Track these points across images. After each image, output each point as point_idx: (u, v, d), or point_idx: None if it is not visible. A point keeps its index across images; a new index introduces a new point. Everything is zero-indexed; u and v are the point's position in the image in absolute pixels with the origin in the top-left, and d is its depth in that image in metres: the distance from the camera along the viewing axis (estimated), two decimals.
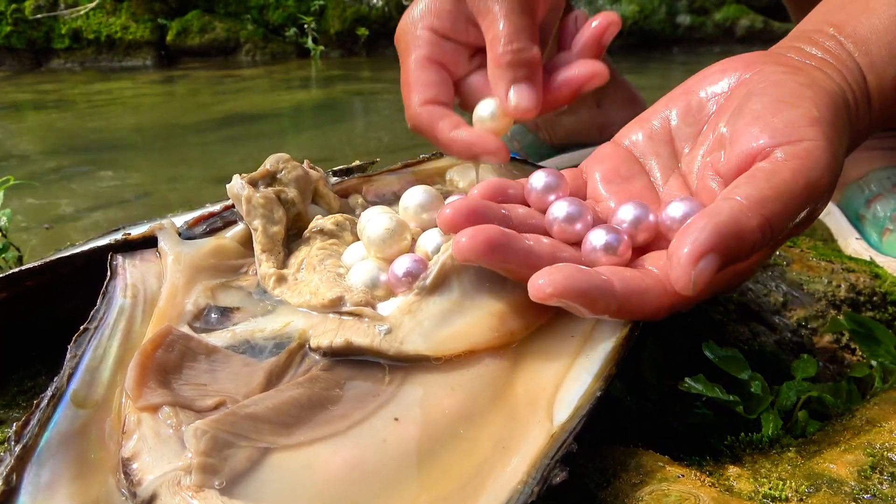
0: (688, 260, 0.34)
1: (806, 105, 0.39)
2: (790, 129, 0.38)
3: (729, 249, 0.35)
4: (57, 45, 2.99)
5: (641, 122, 0.46)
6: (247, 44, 3.06)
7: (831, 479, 0.36)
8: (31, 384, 0.49)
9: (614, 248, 0.39)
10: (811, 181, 0.37)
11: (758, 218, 0.35)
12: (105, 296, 0.43)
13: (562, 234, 0.42)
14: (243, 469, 0.33)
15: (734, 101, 0.41)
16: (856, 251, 0.83)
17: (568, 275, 0.35)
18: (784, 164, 0.37)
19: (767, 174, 0.37)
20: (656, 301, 0.37)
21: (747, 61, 0.43)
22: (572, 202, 0.42)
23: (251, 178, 0.49)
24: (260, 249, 0.46)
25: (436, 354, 0.39)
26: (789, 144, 0.37)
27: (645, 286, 0.37)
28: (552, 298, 0.35)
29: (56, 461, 0.34)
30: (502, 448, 0.34)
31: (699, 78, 0.45)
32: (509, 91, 0.51)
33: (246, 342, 0.41)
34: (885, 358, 0.49)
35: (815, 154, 0.37)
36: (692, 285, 0.34)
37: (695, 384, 0.44)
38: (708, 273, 0.34)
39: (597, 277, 0.36)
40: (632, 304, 0.36)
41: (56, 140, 1.87)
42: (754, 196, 0.36)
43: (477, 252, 0.37)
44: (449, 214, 0.40)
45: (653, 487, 0.34)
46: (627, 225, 0.41)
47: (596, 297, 0.35)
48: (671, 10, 3.16)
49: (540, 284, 0.35)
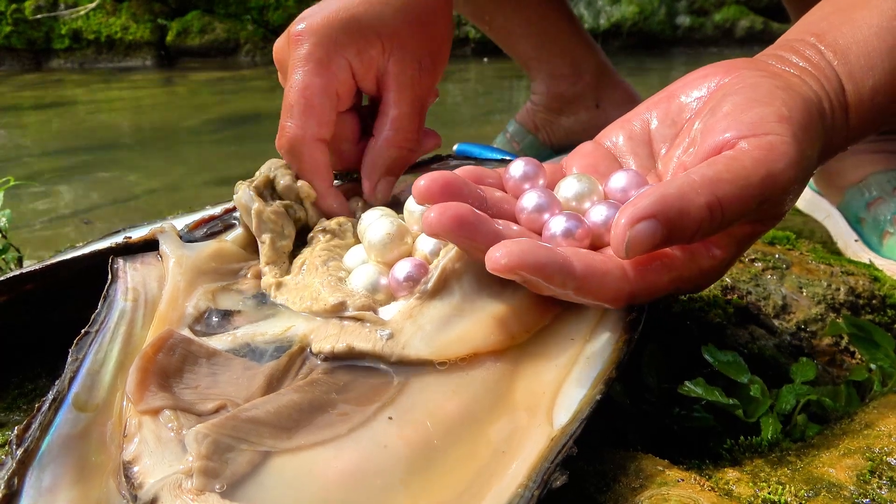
0: (626, 221, 0.35)
1: (776, 104, 0.39)
2: (757, 124, 0.38)
3: (670, 221, 0.35)
4: (57, 45, 2.99)
5: (623, 123, 0.47)
6: (247, 44, 3.06)
7: (830, 483, 0.36)
8: (32, 387, 0.49)
9: (573, 233, 0.39)
10: (772, 172, 0.37)
11: (707, 196, 0.35)
12: (106, 299, 0.43)
13: (529, 224, 0.42)
14: (244, 473, 0.33)
15: (710, 103, 0.42)
16: (855, 254, 0.83)
17: (525, 248, 0.35)
18: (746, 153, 0.37)
19: (728, 160, 0.37)
20: (615, 286, 0.37)
21: (728, 67, 0.44)
22: (541, 193, 0.42)
23: (256, 186, 0.49)
24: (265, 262, 0.46)
25: (438, 358, 0.39)
26: (755, 137, 0.38)
27: (605, 269, 0.37)
28: (508, 271, 0.35)
29: (57, 465, 0.34)
30: (502, 451, 0.34)
31: (682, 83, 0.45)
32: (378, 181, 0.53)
33: (247, 346, 0.42)
34: (884, 361, 0.49)
35: (779, 148, 0.37)
36: (625, 246, 0.35)
37: (694, 388, 0.44)
38: (643, 237, 0.35)
39: (555, 254, 0.36)
40: (590, 285, 0.36)
41: (56, 141, 1.87)
42: (708, 175, 0.36)
43: (445, 227, 0.37)
44: (424, 185, 0.39)
45: (652, 491, 0.34)
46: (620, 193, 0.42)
47: (553, 272, 0.35)
48: (671, 11, 3.16)
49: (496, 256, 0.35)
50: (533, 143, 1.17)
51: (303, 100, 0.50)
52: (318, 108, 0.50)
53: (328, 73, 0.50)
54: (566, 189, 0.43)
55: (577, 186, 0.43)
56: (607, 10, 3.13)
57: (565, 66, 1.11)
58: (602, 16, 3.12)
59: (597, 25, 3.10)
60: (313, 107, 0.50)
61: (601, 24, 3.11)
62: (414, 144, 0.53)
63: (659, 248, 0.36)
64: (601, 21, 3.11)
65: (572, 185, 0.43)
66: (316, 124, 0.50)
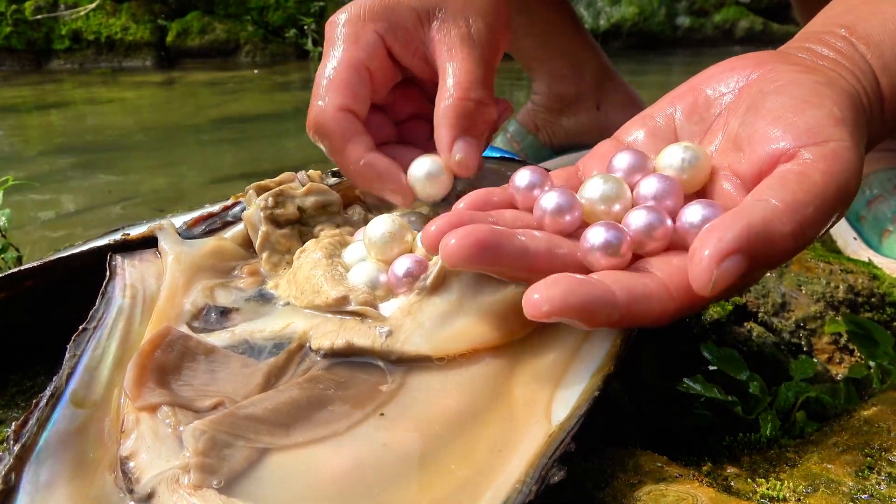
0: (711, 258, 0.32)
1: (828, 105, 0.37)
2: (815, 130, 0.36)
3: (757, 253, 0.32)
4: (57, 45, 2.99)
5: (644, 118, 0.44)
6: (247, 45, 3.07)
7: (829, 479, 0.36)
8: (31, 384, 0.49)
9: (615, 247, 0.36)
10: (842, 185, 0.35)
11: (792, 224, 0.33)
12: (104, 296, 0.43)
13: (554, 227, 0.39)
14: (241, 469, 0.33)
15: (745, 100, 0.40)
16: (854, 252, 0.83)
17: (566, 288, 0.33)
18: (813, 167, 0.35)
19: (798, 177, 0.35)
20: (660, 307, 0.34)
21: (758, 60, 0.42)
22: (561, 192, 0.39)
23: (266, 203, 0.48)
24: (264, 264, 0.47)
25: (437, 354, 0.39)
26: (816, 146, 0.35)
27: (648, 292, 0.34)
28: (550, 316, 0.32)
29: (55, 460, 0.34)
30: (501, 447, 0.34)
31: (706, 76, 0.43)
32: (455, 142, 0.46)
33: (245, 342, 0.41)
34: (883, 359, 0.49)
35: (843, 156, 0.35)
36: (711, 285, 0.32)
37: (693, 385, 0.44)
38: (730, 274, 0.32)
39: (597, 287, 0.33)
40: (634, 313, 0.34)
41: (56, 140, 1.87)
42: (789, 200, 0.34)
43: (467, 256, 0.34)
44: (434, 233, 0.37)
45: (651, 487, 0.34)
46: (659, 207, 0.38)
47: (596, 311, 0.33)
48: (671, 11, 3.17)
49: (536, 300, 0.33)
50: (533, 143, 1.17)
51: (326, 76, 0.47)
52: (344, 81, 0.47)
53: (355, 48, 0.47)
54: (591, 190, 0.39)
55: (604, 188, 0.39)
56: (607, 10, 3.13)
57: (566, 67, 1.11)
58: (602, 16, 3.13)
59: (597, 26, 3.10)
60: (337, 80, 0.47)
61: (601, 25, 3.11)
62: (485, 97, 0.47)
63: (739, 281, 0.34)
64: (601, 22, 3.12)
65: (597, 186, 0.39)
66: (340, 95, 0.47)
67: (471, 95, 0.47)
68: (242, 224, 0.49)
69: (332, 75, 0.47)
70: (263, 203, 0.48)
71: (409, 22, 0.49)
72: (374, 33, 0.48)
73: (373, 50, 0.48)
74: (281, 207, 0.48)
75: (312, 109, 0.47)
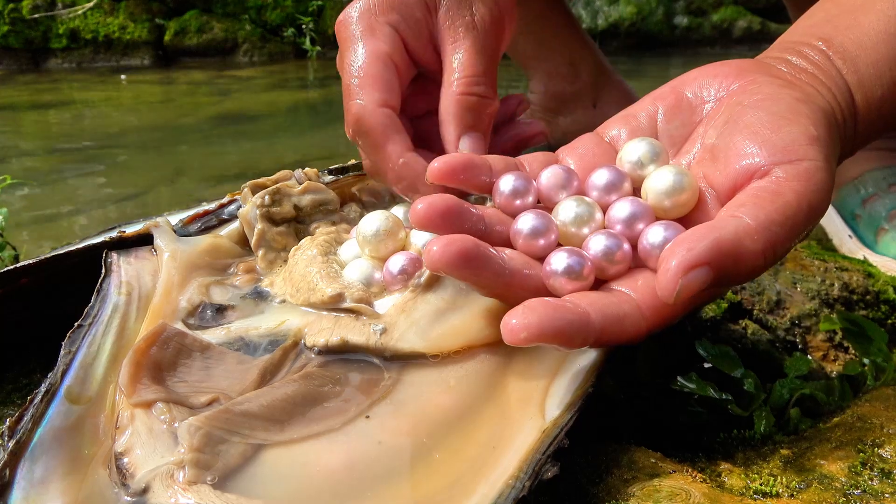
0: (678, 268, 0.33)
1: (804, 122, 0.38)
2: (790, 148, 0.36)
3: (724, 267, 0.33)
4: (54, 44, 2.98)
5: (627, 117, 0.45)
6: (245, 44, 3.06)
7: (822, 474, 0.36)
8: (27, 381, 0.49)
9: (576, 272, 0.37)
10: (813, 204, 0.35)
11: (762, 242, 0.34)
12: (99, 293, 0.43)
13: (526, 249, 0.39)
14: (236, 465, 0.33)
15: (725, 111, 0.40)
16: (850, 250, 0.83)
17: (542, 314, 0.33)
18: (787, 185, 0.35)
19: (772, 195, 0.35)
20: (634, 328, 0.35)
21: (739, 69, 0.42)
22: (538, 216, 0.39)
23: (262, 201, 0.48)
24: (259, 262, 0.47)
25: (432, 352, 0.39)
26: (790, 164, 0.36)
27: (622, 313, 0.35)
28: (528, 342, 0.33)
29: (49, 457, 0.34)
30: (494, 443, 0.35)
31: (688, 79, 0.44)
32: (461, 137, 0.47)
33: (240, 339, 0.42)
34: (876, 356, 0.49)
35: (816, 176, 0.36)
36: (675, 294, 0.33)
37: (687, 383, 0.44)
38: (695, 285, 0.33)
39: (572, 312, 0.34)
40: (610, 334, 0.34)
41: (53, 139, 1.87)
42: (761, 218, 0.34)
43: (450, 264, 0.35)
44: (422, 211, 0.37)
45: (644, 483, 0.34)
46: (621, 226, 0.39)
47: (573, 335, 0.33)
48: (669, 11, 3.17)
49: (514, 326, 0.33)
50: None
51: (357, 73, 0.47)
52: (376, 76, 0.46)
53: (376, 41, 0.47)
54: (564, 213, 0.40)
55: (576, 210, 0.40)
56: (605, 10, 3.13)
57: (563, 66, 1.11)
58: (600, 16, 3.13)
59: (595, 25, 3.10)
60: (370, 75, 0.46)
61: (599, 24, 3.11)
62: (487, 91, 0.48)
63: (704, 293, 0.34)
64: (599, 21, 3.12)
65: (570, 208, 0.40)
66: (378, 91, 0.46)
67: (474, 90, 0.47)
68: (238, 222, 0.49)
69: (363, 71, 0.47)
70: (260, 201, 0.48)
71: (419, 12, 0.49)
72: (388, 26, 0.48)
73: (392, 42, 0.48)
74: (277, 205, 0.48)
75: (352, 108, 0.46)
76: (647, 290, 0.36)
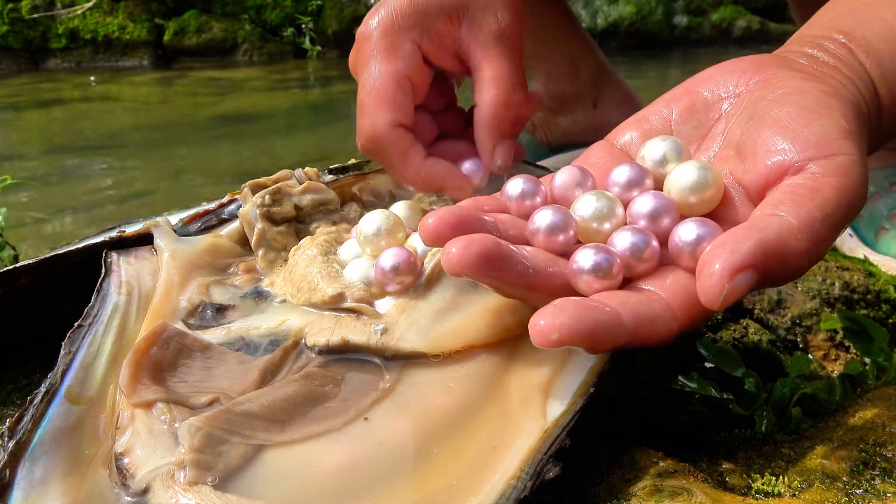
0: (724, 272, 0.31)
1: (836, 116, 0.36)
2: (824, 143, 0.35)
3: (769, 269, 0.32)
4: (54, 44, 2.98)
5: (638, 121, 0.43)
6: (244, 44, 3.07)
7: (824, 474, 0.36)
8: (27, 381, 0.49)
9: (605, 269, 0.34)
10: (852, 200, 0.34)
11: (807, 241, 0.32)
12: (99, 293, 0.43)
13: (547, 245, 0.37)
14: (237, 465, 0.33)
15: (747, 107, 0.39)
16: (850, 249, 0.83)
17: (574, 315, 0.31)
18: (824, 181, 0.34)
19: (810, 192, 0.34)
20: (665, 328, 0.33)
21: (757, 63, 0.41)
22: (556, 210, 0.37)
23: (262, 201, 0.48)
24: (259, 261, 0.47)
25: (433, 352, 0.39)
26: (824, 159, 0.35)
27: (654, 314, 0.33)
28: (558, 344, 0.31)
29: (49, 457, 0.34)
30: (496, 444, 0.34)
31: (703, 77, 0.42)
32: (496, 147, 0.49)
33: (241, 339, 0.41)
34: (878, 355, 0.49)
35: (852, 171, 0.34)
36: (721, 300, 0.31)
37: (689, 382, 0.44)
38: (741, 289, 0.31)
39: (603, 313, 0.32)
40: (641, 336, 0.33)
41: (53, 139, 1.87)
42: (803, 216, 0.33)
43: (470, 266, 0.33)
44: (432, 225, 0.36)
45: (646, 483, 0.34)
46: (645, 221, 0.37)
47: (604, 337, 0.32)
48: (668, 10, 3.17)
49: (543, 328, 0.31)
50: (530, 142, 1.17)
51: (374, 92, 0.48)
52: (391, 97, 0.48)
53: (396, 60, 0.48)
54: (583, 208, 0.38)
55: (596, 205, 0.38)
56: (605, 9, 3.14)
57: (563, 66, 1.11)
58: (599, 15, 3.13)
59: (594, 25, 3.10)
60: (384, 96, 0.48)
61: (599, 24, 3.11)
62: (521, 99, 0.49)
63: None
64: (599, 21, 3.12)
65: (590, 202, 0.38)
66: (390, 111, 0.48)
67: (512, 100, 0.49)
68: (238, 221, 0.49)
69: (378, 92, 0.48)
70: (260, 200, 0.48)
71: (441, 23, 0.49)
72: (410, 43, 0.49)
73: (412, 60, 0.49)
74: (278, 205, 0.48)
75: (364, 128, 0.49)
76: (678, 289, 0.34)
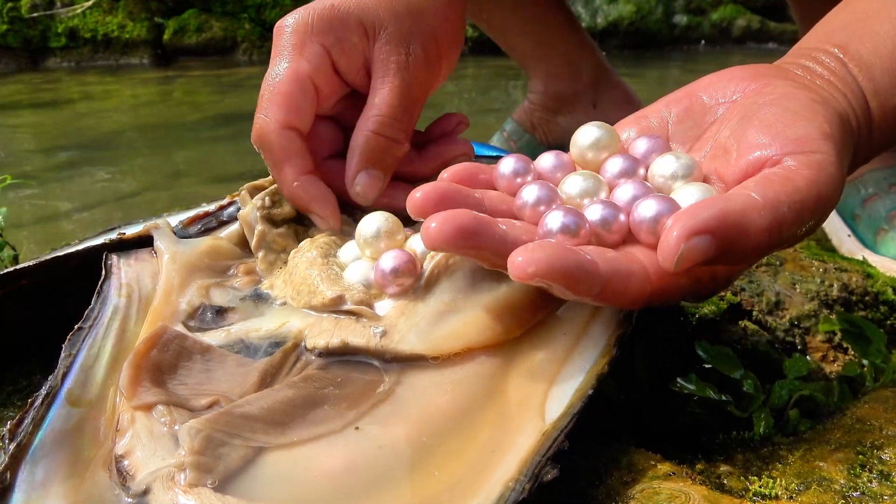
0: (681, 233, 0.32)
1: (819, 120, 0.38)
2: (803, 141, 0.36)
3: (728, 238, 0.33)
4: (53, 43, 2.98)
5: (638, 118, 0.45)
6: (244, 43, 3.06)
7: (821, 476, 0.36)
8: (27, 383, 0.49)
9: (573, 231, 0.36)
10: (822, 195, 0.35)
11: (769, 219, 0.33)
12: (100, 295, 0.43)
13: (533, 219, 0.39)
14: (237, 468, 0.33)
15: (740, 111, 0.40)
16: (849, 251, 0.83)
17: (551, 253, 0.33)
18: (797, 173, 0.35)
19: (781, 179, 0.35)
20: (638, 287, 0.34)
21: (755, 73, 0.42)
22: (542, 185, 0.40)
23: (262, 203, 0.48)
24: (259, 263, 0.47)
25: (432, 354, 0.39)
26: (801, 154, 0.36)
27: (630, 271, 0.34)
28: (534, 278, 0.32)
29: (50, 459, 0.34)
30: (494, 446, 0.35)
31: (704, 83, 0.43)
32: (359, 173, 0.48)
33: (241, 342, 0.42)
34: (876, 357, 0.49)
35: (827, 169, 0.36)
36: (676, 260, 0.32)
37: (687, 384, 0.44)
38: (697, 253, 0.32)
39: (581, 256, 0.33)
40: (614, 288, 0.34)
41: (53, 139, 1.87)
42: (769, 196, 0.34)
43: (447, 239, 0.35)
44: (418, 199, 0.38)
45: (644, 485, 0.34)
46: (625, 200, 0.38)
47: (580, 278, 0.33)
48: (668, 10, 3.16)
49: (520, 262, 0.33)
50: (530, 141, 1.17)
51: (271, 88, 0.47)
52: (287, 96, 0.47)
53: (300, 60, 0.48)
54: (570, 186, 0.40)
55: (582, 185, 0.40)
56: (604, 9, 3.13)
57: (563, 66, 1.11)
58: (599, 15, 3.13)
59: (594, 24, 3.10)
60: (281, 94, 0.47)
61: (598, 23, 3.11)
62: (398, 134, 0.49)
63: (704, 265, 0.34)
64: (598, 20, 3.12)
65: (576, 182, 0.40)
66: (283, 112, 0.47)
67: (385, 132, 0.48)
68: (238, 223, 0.49)
69: (276, 88, 0.47)
70: (260, 202, 0.48)
71: (356, 36, 0.49)
72: (319, 46, 0.48)
73: (318, 63, 0.48)
74: (277, 207, 0.48)
75: (255, 123, 0.48)
76: (652, 256, 0.35)
